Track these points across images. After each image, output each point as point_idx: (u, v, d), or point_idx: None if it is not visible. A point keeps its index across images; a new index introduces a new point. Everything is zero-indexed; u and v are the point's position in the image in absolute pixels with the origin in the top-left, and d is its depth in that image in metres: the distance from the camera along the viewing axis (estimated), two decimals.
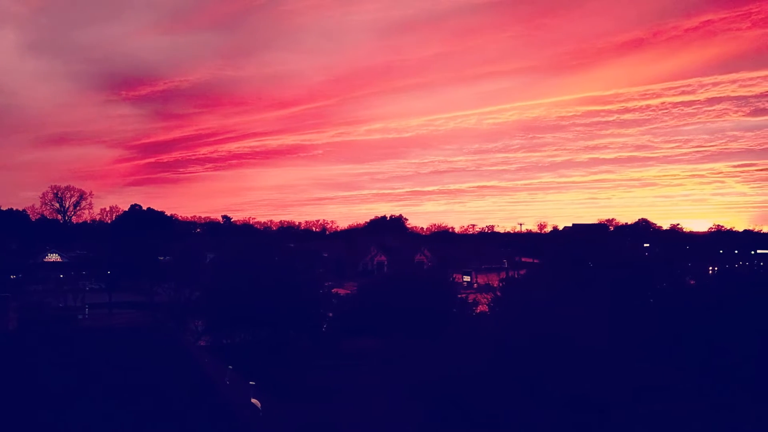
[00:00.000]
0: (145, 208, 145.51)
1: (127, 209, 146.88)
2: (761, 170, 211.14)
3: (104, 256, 79.06)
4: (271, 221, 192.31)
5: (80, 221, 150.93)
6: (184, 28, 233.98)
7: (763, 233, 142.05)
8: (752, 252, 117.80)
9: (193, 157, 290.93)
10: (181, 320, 39.59)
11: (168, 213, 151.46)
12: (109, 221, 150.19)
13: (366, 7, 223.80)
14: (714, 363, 30.28)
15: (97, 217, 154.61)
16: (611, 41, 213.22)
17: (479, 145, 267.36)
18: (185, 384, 15.91)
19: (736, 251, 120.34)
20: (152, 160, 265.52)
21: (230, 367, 20.36)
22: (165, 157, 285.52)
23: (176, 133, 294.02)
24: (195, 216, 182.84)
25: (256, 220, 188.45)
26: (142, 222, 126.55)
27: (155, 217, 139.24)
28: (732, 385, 28.64)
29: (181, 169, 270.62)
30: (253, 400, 18.37)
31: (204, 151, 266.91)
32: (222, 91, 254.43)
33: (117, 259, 75.66)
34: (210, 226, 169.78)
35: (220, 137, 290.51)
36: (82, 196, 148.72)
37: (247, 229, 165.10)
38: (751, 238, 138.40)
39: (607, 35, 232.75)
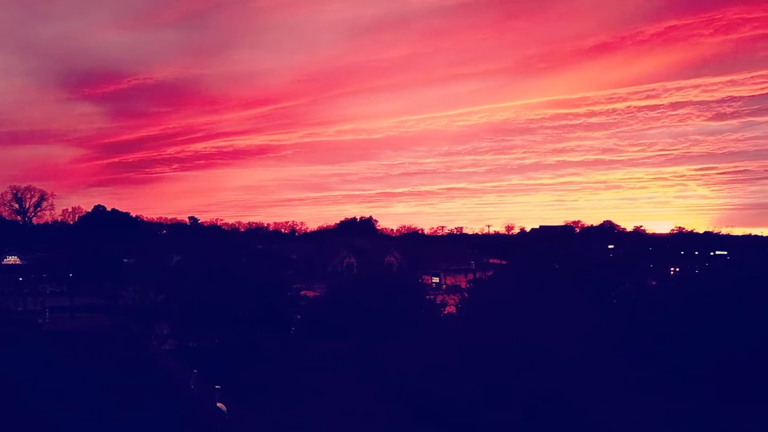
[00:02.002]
0: (109, 209, 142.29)
1: (90, 210, 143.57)
2: (721, 173, 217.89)
3: (66, 258, 77.19)
4: (239, 222, 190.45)
5: (41, 222, 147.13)
6: (149, 24, 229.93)
7: (723, 235, 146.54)
8: (711, 253, 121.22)
9: (159, 157, 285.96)
10: (145, 324, 38.87)
11: (133, 214, 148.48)
12: (71, 222, 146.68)
13: (336, 6, 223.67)
14: (673, 362, 31.12)
15: (59, 219, 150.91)
16: (579, 45, 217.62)
17: (449, 147, 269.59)
18: (150, 389, 15.66)
19: (697, 252, 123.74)
20: (116, 160, 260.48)
21: (195, 371, 20.12)
22: (130, 157, 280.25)
23: (141, 133, 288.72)
24: (161, 217, 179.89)
25: (223, 222, 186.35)
26: (105, 223, 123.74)
27: (120, 218, 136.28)
28: (692, 383, 29.48)
29: (146, 170, 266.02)
30: (219, 404, 18.18)
31: (170, 151, 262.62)
32: (189, 90, 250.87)
33: (79, 261, 73.93)
34: (176, 227, 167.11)
35: (187, 137, 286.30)
36: (43, 196, 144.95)
37: (214, 230, 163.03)
38: (711, 239, 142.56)
39: (575, 39, 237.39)
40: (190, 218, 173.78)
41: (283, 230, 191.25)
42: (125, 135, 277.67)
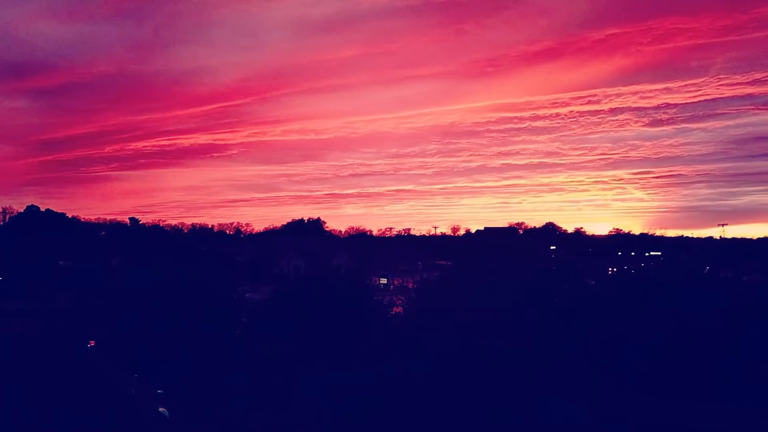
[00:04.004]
0: (43, 209, 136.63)
1: (22, 210, 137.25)
2: (657, 177, 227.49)
3: None
4: (182, 224, 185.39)
5: None
6: (87, 16, 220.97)
7: (657, 236, 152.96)
8: (647, 254, 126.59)
9: (97, 156, 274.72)
10: (82, 328, 37.49)
11: (69, 214, 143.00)
12: (1, 223, 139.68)
13: (284, 4, 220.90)
14: (610, 358, 32.36)
15: None
16: (525, 50, 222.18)
17: (397, 149, 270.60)
18: (88, 394, 15.16)
19: (633, 253, 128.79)
20: (51, 158, 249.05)
21: (136, 375, 19.60)
22: (65, 155, 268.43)
23: (78, 130, 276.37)
24: (99, 218, 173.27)
25: (166, 223, 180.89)
26: (39, 224, 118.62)
27: (54, 218, 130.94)
28: (628, 382, 30.71)
29: (83, 168, 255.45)
30: (161, 409, 17.80)
31: (109, 149, 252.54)
32: (129, 86, 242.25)
33: (10, 264, 70.47)
34: (116, 228, 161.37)
35: (127, 135, 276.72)
36: None
37: (156, 231, 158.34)
38: (646, 240, 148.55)
39: (521, 44, 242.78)
40: (131, 219, 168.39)
41: (228, 231, 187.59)
42: (60, 132, 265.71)
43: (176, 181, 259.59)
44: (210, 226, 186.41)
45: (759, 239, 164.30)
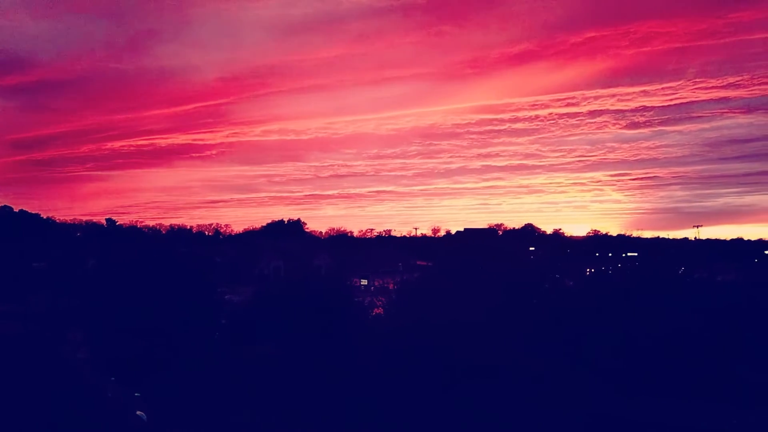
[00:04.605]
0: (16, 209, 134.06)
1: None
2: (634, 179, 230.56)
3: None
4: (160, 225, 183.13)
5: None
6: (64, 12, 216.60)
7: (634, 237, 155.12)
8: (624, 255, 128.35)
9: (73, 155, 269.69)
10: (58, 331, 36.88)
11: (44, 215, 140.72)
12: None
13: (265, 3, 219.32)
14: (587, 357, 32.75)
15: None
16: (505, 52, 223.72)
17: (378, 150, 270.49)
18: (64, 398, 14.92)
19: (610, 254, 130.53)
20: (24, 157, 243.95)
21: (113, 378, 19.34)
22: (40, 155, 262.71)
23: (52, 129, 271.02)
24: (75, 219, 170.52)
25: (144, 224, 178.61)
26: (13, 225, 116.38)
27: (29, 219, 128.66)
28: (606, 381, 31.11)
29: (58, 168, 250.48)
30: (139, 412, 17.58)
31: (85, 149, 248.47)
32: (106, 85, 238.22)
33: None
34: (92, 229, 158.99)
35: (104, 134, 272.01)
36: None
37: (134, 232, 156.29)
38: (623, 242, 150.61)
39: (501, 46, 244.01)
40: (107, 220, 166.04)
41: (207, 233, 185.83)
42: (35, 131, 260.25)
43: (154, 181, 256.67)
44: (189, 227, 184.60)
45: (732, 240, 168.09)
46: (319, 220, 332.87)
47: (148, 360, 36.10)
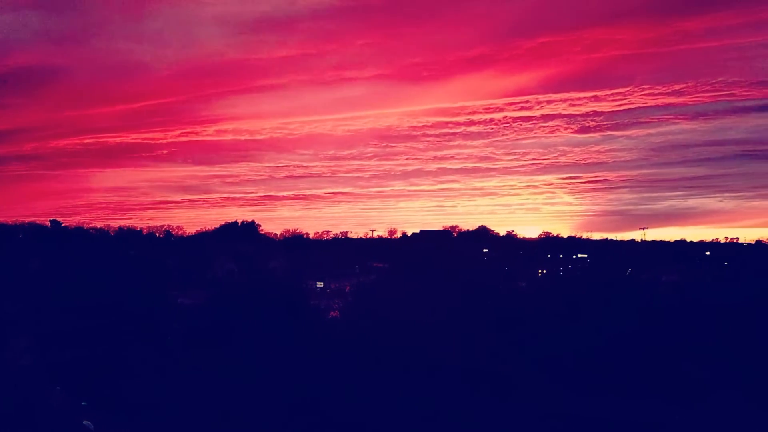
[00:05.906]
0: None
1: None
2: (584, 182, 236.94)
3: None
4: (108, 226, 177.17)
5: None
6: (4, 3, 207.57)
7: (584, 239, 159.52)
8: (574, 256, 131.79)
9: (14, 154, 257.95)
10: (0, 336, 35.30)
11: None
12: None
13: None
14: (540, 356, 33.43)
15: None
16: (461, 55, 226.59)
17: (335, 151, 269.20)
18: (4, 408, 14.25)
19: (561, 255, 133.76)
20: None
21: (58, 387, 18.61)
22: None
23: None
24: (17, 220, 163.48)
25: (91, 225, 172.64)
26: None
27: None
28: (558, 379, 31.81)
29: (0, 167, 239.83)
30: (86, 422, 16.97)
31: (29, 147, 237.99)
32: (50, 81, 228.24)
33: None
34: (35, 231, 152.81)
35: (49, 132, 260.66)
36: None
37: (80, 234, 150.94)
38: (573, 243, 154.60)
39: (457, 49, 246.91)
40: (52, 221, 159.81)
41: (157, 234, 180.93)
42: None
43: (102, 181, 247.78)
44: (139, 229, 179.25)
45: (676, 242, 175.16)
46: (274, 221, 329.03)
47: (95, 367, 34.91)
